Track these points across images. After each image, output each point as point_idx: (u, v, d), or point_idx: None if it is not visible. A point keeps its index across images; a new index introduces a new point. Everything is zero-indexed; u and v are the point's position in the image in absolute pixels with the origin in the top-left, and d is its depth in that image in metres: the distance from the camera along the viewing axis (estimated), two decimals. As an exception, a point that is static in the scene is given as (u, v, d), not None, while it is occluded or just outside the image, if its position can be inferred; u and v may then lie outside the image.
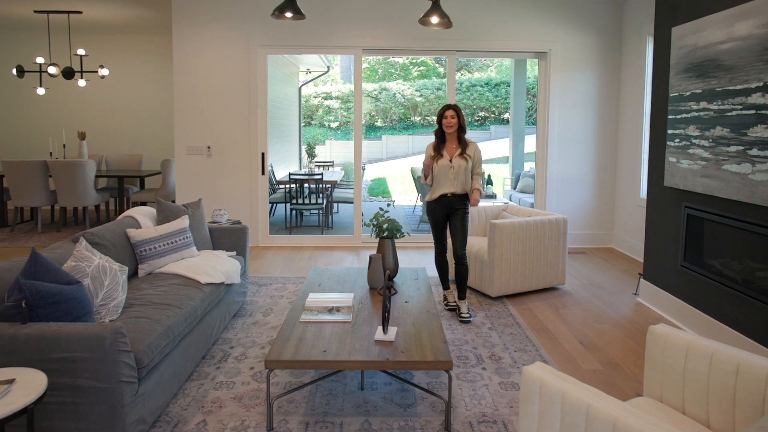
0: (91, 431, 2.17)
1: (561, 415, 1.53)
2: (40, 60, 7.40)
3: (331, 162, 10.22)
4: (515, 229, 4.42)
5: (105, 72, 7.56)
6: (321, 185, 7.43)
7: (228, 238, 4.21)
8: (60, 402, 2.13)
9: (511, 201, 8.98)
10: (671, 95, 3.92)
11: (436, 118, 4.03)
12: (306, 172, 8.35)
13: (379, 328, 2.79)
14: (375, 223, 3.74)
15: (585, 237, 6.39)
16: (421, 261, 5.67)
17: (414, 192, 11.33)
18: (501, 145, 17.49)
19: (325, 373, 2.97)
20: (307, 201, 7.35)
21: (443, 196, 3.98)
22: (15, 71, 7.34)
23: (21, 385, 1.89)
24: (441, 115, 3.97)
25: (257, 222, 6.26)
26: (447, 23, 3.50)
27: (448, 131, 3.96)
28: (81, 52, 7.42)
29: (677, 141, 3.85)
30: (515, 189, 9.35)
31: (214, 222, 4.56)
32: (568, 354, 3.44)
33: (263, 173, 6.25)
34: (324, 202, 7.50)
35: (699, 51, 3.58)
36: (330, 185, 7.76)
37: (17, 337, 2.11)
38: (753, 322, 3.23)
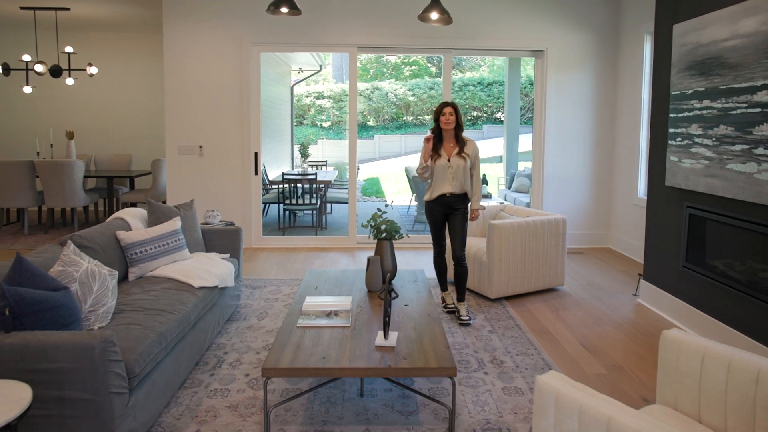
0: (80, 445, 2.07)
1: (579, 429, 1.45)
2: (26, 58, 7.23)
3: (325, 162, 10.11)
4: (514, 230, 4.35)
5: (94, 70, 7.40)
6: (315, 185, 7.33)
7: (221, 239, 4.10)
8: (46, 415, 2.02)
9: (506, 201, 8.93)
10: (672, 93, 3.87)
11: (433, 115, 3.94)
12: (299, 171, 8.24)
13: (380, 333, 2.70)
14: (373, 224, 3.65)
15: (582, 237, 6.34)
16: (418, 262, 5.59)
17: (408, 192, 11.26)
18: (494, 145, 17.45)
19: (324, 380, 2.88)
20: (301, 201, 7.25)
21: (442, 196, 3.90)
22: (1, 69, 7.16)
23: (4, 399, 1.78)
24: (439, 112, 3.89)
25: (250, 223, 6.15)
26: (447, 19, 3.42)
27: (446, 128, 3.88)
28: (69, 49, 7.26)
29: (679, 140, 3.80)
30: (510, 188, 9.30)
31: (206, 223, 4.45)
32: (570, 357, 3.37)
33: (256, 173, 6.14)
34: (318, 202, 7.39)
35: (702, 48, 3.53)
36: (323, 185, 7.66)
37: (0, 348, 2.00)
38: (757, 323, 3.18)
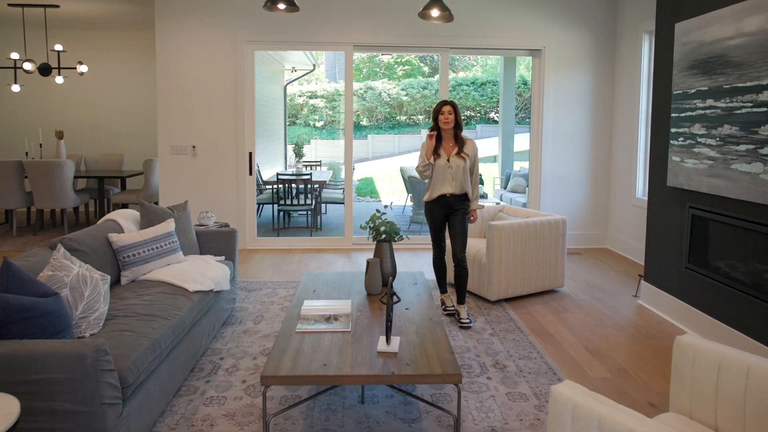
0: (71, 459, 1.97)
1: (599, 442, 1.38)
2: (14, 56, 7.09)
3: (319, 162, 10.02)
4: (514, 231, 4.29)
5: (84, 69, 7.27)
6: (310, 185, 7.24)
7: (216, 241, 4.01)
8: (35, 429, 1.93)
9: (502, 201, 8.89)
10: (674, 93, 3.82)
11: (432, 114, 3.87)
12: (294, 171, 8.14)
13: (381, 338, 2.62)
14: (372, 226, 3.58)
15: (579, 237, 6.30)
16: (415, 263, 5.52)
17: (403, 192, 11.19)
18: (487, 144, 17.43)
19: (324, 387, 2.80)
20: (296, 202, 7.16)
21: (442, 196, 3.84)
22: (-12, 67, 7.02)
23: (-10, 413, 1.69)
24: (438, 111, 3.82)
25: (244, 224, 6.05)
26: (448, 16, 3.35)
27: (445, 128, 3.81)
28: (58, 47, 7.13)
29: (681, 140, 3.76)
30: (506, 189, 9.26)
31: (200, 225, 4.35)
32: (574, 361, 3.32)
33: (251, 173, 6.04)
34: (313, 202, 7.31)
35: (705, 47, 3.48)
36: (318, 185, 7.57)
37: (-13, 357, 1.90)
38: (763, 325, 3.13)
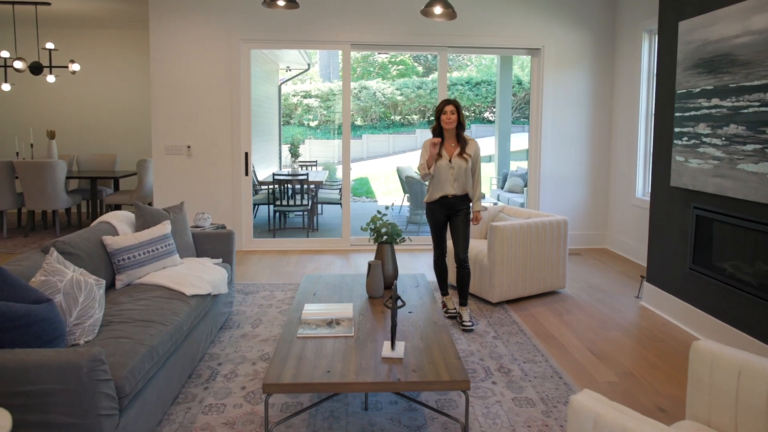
0: (66, 472, 1.89)
1: (623, 456, 1.32)
2: (5, 54, 6.95)
3: (315, 162, 9.93)
4: (516, 232, 4.24)
5: (76, 67, 7.15)
6: (306, 186, 7.16)
7: (213, 244, 3.93)
8: (28, 442, 1.84)
9: (500, 201, 8.84)
10: (678, 92, 3.78)
11: (434, 114, 3.81)
12: (290, 172, 8.06)
13: (386, 343, 2.55)
14: (373, 227, 3.51)
15: (578, 237, 6.26)
16: (414, 265, 5.46)
17: (399, 192, 11.12)
18: (483, 144, 17.39)
19: (327, 394, 2.73)
20: (292, 202, 7.07)
21: (443, 197, 3.77)
22: (-23, 66, 6.89)
23: (-19, 427, 1.61)
24: (440, 111, 3.75)
25: (240, 225, 5.96)
26: (451, 14, 3.28)
27: (447, 128, 3.75)
28: (50, 46, 7.00)
29: (685, 139, 3.71)
30: (503, 189, 9.21)
31: (196, 227, 4.26)
32: (580, 365, 3.26)
33: (246, 174, 5.95)
34: (309, 203, 7.23)
35: (710, 46, 3.44)
36: (315, 186, 7.49)
37: (-23, 368, 1.82)
38: (771, 328, 3.09)
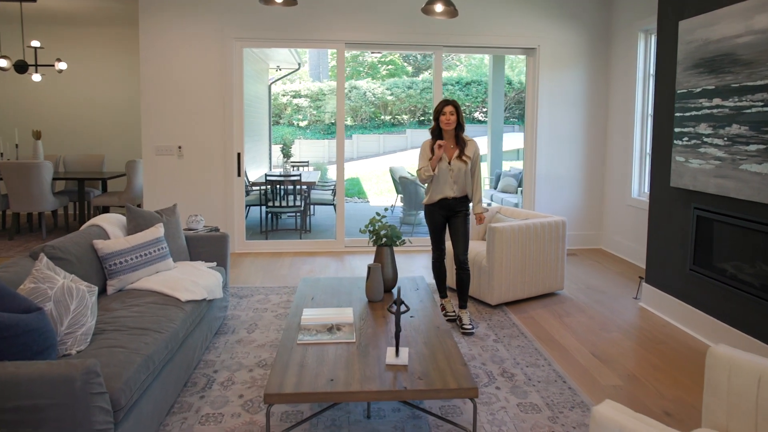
0: (58, 491, 1.80)
1: (652, 472, 1.26)
2: (-12, 52, 6.79)
3: (306, 162, 9.83)
4: (515, 233, 4.19)
5: (62, 66, 6.99)
6: (299, 187, 7.06)
7: (206, 247, 3.83)
8: (18, 460, 1.75)
9: (493, 201, 8.81)
10: (678, 92, 3.75)
11: (432, 114, 3.74)
12: (282, 172, 7.96)
13: (389, 350, 2.49)
14: (371, 229, 3.44)
15: (573, 238, 6.23)
16: (409, 267, 5.39)
17: (391, 192, 11.06)
18: (474, 144, 17.36)
19: (328, 403, 2.65)
20: (285, 203, 6.98)
21: (443, 199, 3.71)
22: (-40, 64, 6.70)
23: (-32, 446, 1.51)
24: (439, 112, 3.69)
25: (233, 227, 5.86)
26: (452, 11, 3.21)
27: (446, 129, 3.68)
28: (35, 44, 6.84)
29: (686, 139, 3.69)
30: (496, 189, 9.18)
31: (189, 229, 4.16)
32: (582, 368, 3.22)
33: (239, 175, 5.85)
34: (302, 204, 7.13)
35: (711, 45, 3.41)
36: (307, 186, 7.40)
37: (-37, 382, 1.72)
38: (775, 329, 3.07)
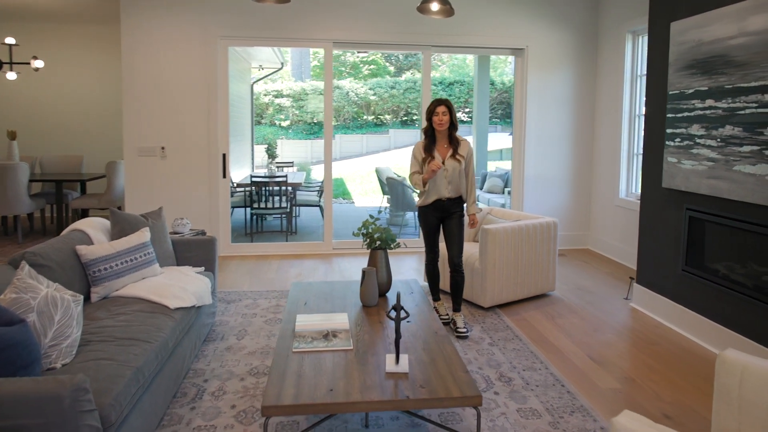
0: None
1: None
2: (-41, 49, 6.54)
3: (291, 162, 9.71)
4: (507, 235, 4.16)
5: (39, 64, 6.77)
6: (285, 188, 6.95)
7: (194, 251, 3.71)
8: (2, 484, 1.64)
9: (479, 202, 8.79)
10: (670, 93, 3.76)
11: (425, 114, 3.69)
12: (267, 173, 7.83)
13: (389, 357, 2.42)
14: (365, 232, 3.36)
15: (561, 238, 6.23)
16: (399, 268, 5.33)
17: (376, 193, 10.99)
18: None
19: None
20: (270, 205, 6.86)
21: (438, 200, 3.66)
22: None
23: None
24: (431, 112, 3.63)
25: (218, 229, 5.72)
26: (449, 10, 3.16)
27: (439, 129, 3.63)
28: (10, 41, 6.61)
29: (678, 140, 3.69)
30: (482, 189, 9.18)
31: (175, 233, 4.04)
32: (580, 371, 3.19)
33: (224, 176, 5.72)
34: (288, 205, 7.02)
35: (704, 47, 3.42)
36: (293, 188, 7.29)
37: (-60, 401, 1.60)
38: (765, 327, 3.09)
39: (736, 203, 3.25)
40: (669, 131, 3.78)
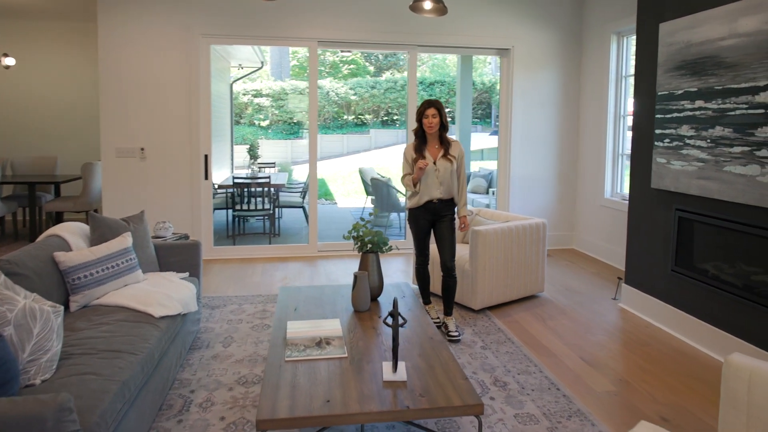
0: None
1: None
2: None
3: (273, 163, 9.56)
4: (498, 236, 4.12)
5: (10, 61, 6.52)
6: (267, 189, 6.82)
7: (177, 256, 3.59)
8: None
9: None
10: (659, 94, 3.76)
11: (416, 116, 3.62)
12: (249, 174, 7.69)
13: (385, 365, 2.35)
14: (355, 235, 3.29)
15: (547, 238, 6.24)
16: (384, 271, 5.26)
17: (359, 193, 10.91)
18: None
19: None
20: (253, 207, 6.72)
21: (429, 202, 3.60)
22: None
23: None
24: (421, 114, 3.57)
25: (200, 232, 5.58)
26: (442, 9, 3.10)
27: (429, 131, 3.57)
28: (-22, 37, 6.34)
29: (667, 141, 3.70)
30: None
31: (157, 237, 3.91)
32: (574, 374, 3.16)
33: (206, 177, 5.58)
34: (271, 207, 6.89)
35: (694, 48, 3.42)
36: (276, 189, 7.16)
37: None
38: (757, 327, 3.10)
39: (726, 204, 3.26)
40: (658, 132, 3.79)
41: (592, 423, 2.61)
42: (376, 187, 7.46)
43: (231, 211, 6.95)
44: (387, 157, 18.80)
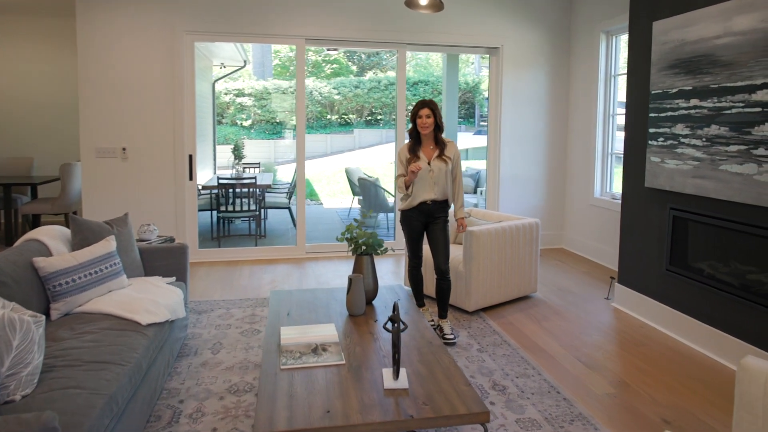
0: None
1: None
2: None
3: (258, 163, 9.41)
4: (492, 237, 4.07)
5: (-18, 59, 6.27)
6: (253, 190, 6.69)
7: (163, 260, 3.46)
8: None
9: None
10: (653, 92, 3.74)
11: (410, 117, 3.55)
12: (234, 174, 7.54)
13: (385, 371, 2.26)
14: (349, 237, 3.20)
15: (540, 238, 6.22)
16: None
17: (345, 193, 10.80)
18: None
19: None
20: (238, 208, 6.58)
21: (422, 203, 3.52)
22: None
23: None
24: (415, 114, 3.50)
25: (184, 235, 5.43)
26: (438, 5, 3.02)
27: (423, 132, 3.50)
28: (-51, 33, 6.09)
29: (661, 140, 3.68)
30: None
31: (141, 240, 3.77)
32: (573, 376, 3.12)
33: (191, 178, 5.43)
34: (256, 208, 6.76)
35: (688, 46, 3.41)
36: (261, 189, 7.03)
37: None
38: (753, 327, 3.09)
39: (722, 203, 3.24)
40: (652, 131, 3.77)
41: (595, 427, 2.56)
42: (363, 187, 7.37)
43: (216, 213, 6.80)
44: (371, 157, 18.72)
